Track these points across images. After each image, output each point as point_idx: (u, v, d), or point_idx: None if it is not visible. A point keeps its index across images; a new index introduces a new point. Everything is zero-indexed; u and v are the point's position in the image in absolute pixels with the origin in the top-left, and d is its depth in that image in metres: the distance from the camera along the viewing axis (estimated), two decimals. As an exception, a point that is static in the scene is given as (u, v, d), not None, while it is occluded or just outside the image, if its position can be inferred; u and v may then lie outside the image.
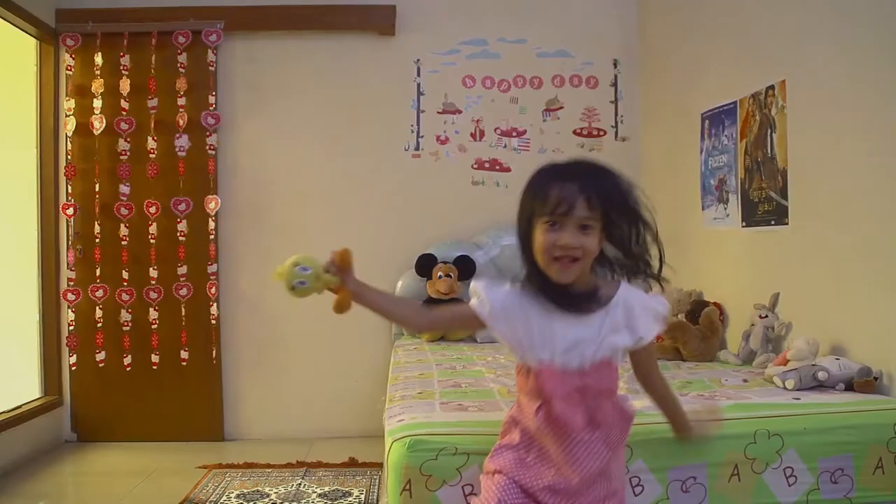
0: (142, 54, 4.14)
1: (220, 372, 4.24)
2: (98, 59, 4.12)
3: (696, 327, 3.09)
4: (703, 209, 3.48)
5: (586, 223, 1.44)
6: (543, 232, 1.46)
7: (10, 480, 3.46)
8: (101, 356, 4.12)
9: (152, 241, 4.12)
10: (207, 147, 4.18)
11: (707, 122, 3.44)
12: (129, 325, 4.13)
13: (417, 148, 4.33)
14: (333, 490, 3.24)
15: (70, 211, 4.11)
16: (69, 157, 4.13)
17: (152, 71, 4.13)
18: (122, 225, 4.13)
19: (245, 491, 3.24)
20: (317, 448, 3.98)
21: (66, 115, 4.13)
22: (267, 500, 3.11)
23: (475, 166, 4.34)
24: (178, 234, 4.13)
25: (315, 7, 4.22)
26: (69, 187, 4.14)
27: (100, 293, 4.12)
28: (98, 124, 4.12)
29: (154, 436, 4.12)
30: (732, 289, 3.21)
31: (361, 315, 1.66)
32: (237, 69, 4.28)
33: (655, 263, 1.56)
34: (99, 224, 4.12)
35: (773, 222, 2.87)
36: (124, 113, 4.12)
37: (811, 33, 2.62)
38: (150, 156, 4.11)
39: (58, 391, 4.15)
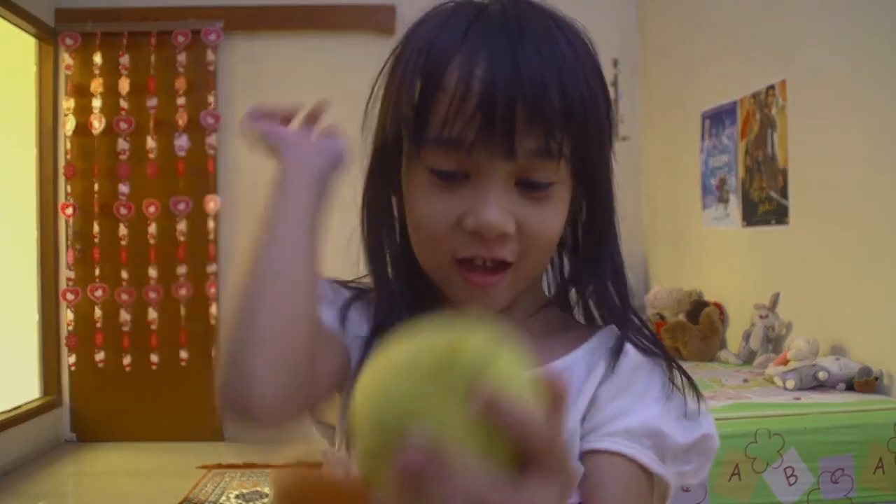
0: (141, 54, 4.13)
1: (219, 372, 4.23)
2: (97, 58, 4.11)
3: (696, 327, 3.09)
4: (703, 209, 3.48)
5: (540, 175, 0.62)
6: (423, 188, 0.64)
7: (9, 480, 3.46)
8: (100, 356, 4.12)
9: (151, 240, 4.12)
10: (207, 147, 4.18)
11: (707, 121, 3.44)
12: (129, 324, 4.12)
13: (417, 148, 4.32)
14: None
15: (69, 210, 4.11)
16: (68, 156, 4.13)
17: (152, 71, 4.12)
18: (121, 225, 4.12)
19: (245, 491, 3.23)
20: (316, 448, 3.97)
21: (65, 115, 4.12)
22: (267, 499, 3.11)
23: (475, 166, 4.34)
24: (178, 233, 4.13)
25: (315, 7, 4.22)
26: (68, 187, 4.13)
27: (99, 293, 4.11)
28: (97, 124, 4.11)
29: (154, 436, 4.11)
30: (732, 289, 3.21)
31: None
32: (237, 69, 4.28)
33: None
34: (98, 224, 4.11)
35: (773, 222, 2.87)
36: (123, 113, 4.12)
37: (811, 33, 2.62)
38: (150, 155, 4.10)
39: (57, 391, 4.14)
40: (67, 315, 4.12)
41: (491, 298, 0.65)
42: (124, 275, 4.12)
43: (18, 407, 3.83)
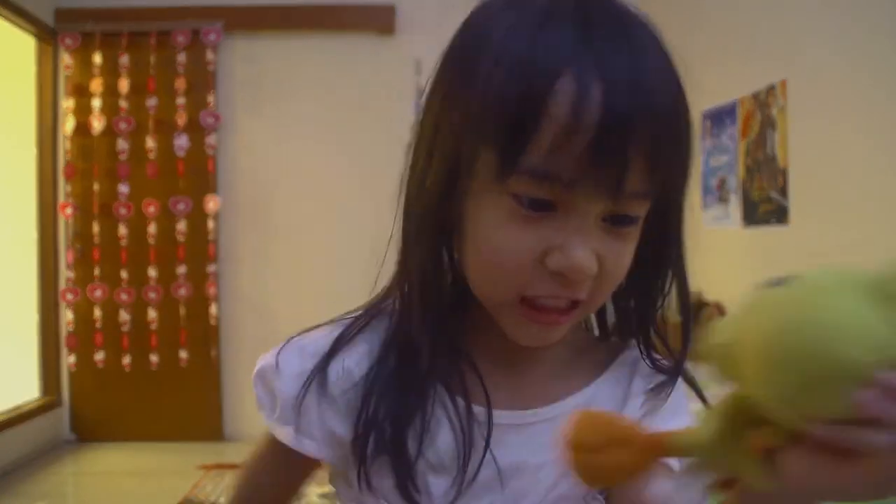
0: (141, 54, 4.13)
1: (219, 372, 4.23)
2: (97, 58, 4.11)
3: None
4: (703, 209, 3.48)
5: (632, 211, 0.59)
6: (504, 217, 0.57)
7: (8, 481, 3.46)
8: (99, 356, 4.12)
9: (151, 241, 4.12)
10: (207, 147, 4.18)
11: (707, 121, 3.44)
12: (128, 324, 4.12)
13: (417, 148, 4.32)
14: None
15: (69, 211, 4.10)
16: (68, 156, 4.13)
17: (151, 71, 4.12)
18: (121, 225, 4.12)
19: (244, 491, 3.23)
20: (316, 448, 3.97)
21: (65, 115, 4.12)
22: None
23: (475, 166, 4.33)
24: (178, 233, 4.13)
25: (315, 7, 4.22)
26: (68, 187, 4.13)
27: (98, 293, 4.11)
28: (97, 124, 4.11)
29: (153, 436, 4.11)
30: (732, 289, 3.21)
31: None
32: (237, 69, 4.27)
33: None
34: (98, 224, 4.11)
35: (773, 222, 2.87)
36: (123, 113, 4.11)
37: (811, 33, 2.62)
38: (149, 155, 4.10)
39: (56, 391, 4.14)
40: (67, 315, 4.12)
41: (550, 336, 0.61)
42: (124, 275, 4.12)
43: (18, 407, 3.83)
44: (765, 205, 2.93)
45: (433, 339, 0.63)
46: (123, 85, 4.10)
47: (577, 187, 0.54)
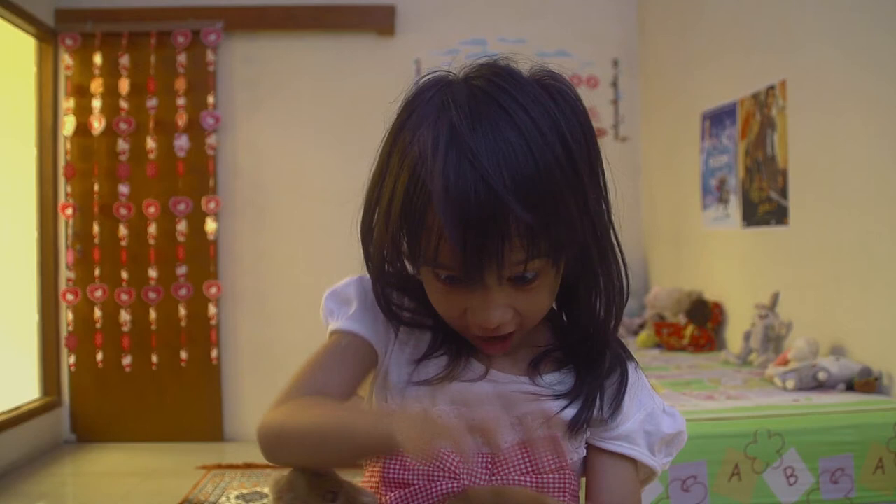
0: (141, 54, 4.13)
1: (219, 372, 4.24)
2: (97, 59, 4.11)
3: (696, 327, 3.09)
4: (703, 209, 3.48)
5: (526, 272, 0.70)
6: (433, 283, 0.74)
7: (8, 481, 3.46)
8: (100, 356, 4.12)
9: (151, 241, 4.12)
10: (207, 147, 4.18)
11: (707, 122, 3.44)
12: (129, 325, 4.12)
13: (417, 148, 4.31)
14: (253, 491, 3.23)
15: (69, 211, 4.11)
16: (68, 157, 4.13)
17: (151, 71, 4.12)
18: (121, 225, 4.12)
19: (244, 491, 3.23)
20: (316, 448, 3.96)
21: (65, 115, 4.12)
22: (266, 500, 3.11)
23: (475, 166, 4.32)
24: (178, 234, 4.13)
25: (315, 7, 4.22)
26: (68, 187, 4.13)
27: (99, 293, 4.11)
28: (97, 124, 4.11)
29: (153, 436, 4.11)
30: (732, 289, 3.21)
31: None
32: (237, 69, 4.28)
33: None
34: (98, 224, 4.11)
35: (773, 222, 2.87)
36: (123, 113, 4.11)
37: (811, 33, 2.62)
38: (150, 156, 4.10)
39: (57, 392, 4.14)
40: (67, 315, 4.12)
41: (503, 349, 0.76)
42: (124, 275, 4.12)
43: (18, 407, 3.83)
44: (764, 205, 2.93)
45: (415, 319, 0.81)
46: (124, 85, 4.11)
47: (465, 273, 0.68)
